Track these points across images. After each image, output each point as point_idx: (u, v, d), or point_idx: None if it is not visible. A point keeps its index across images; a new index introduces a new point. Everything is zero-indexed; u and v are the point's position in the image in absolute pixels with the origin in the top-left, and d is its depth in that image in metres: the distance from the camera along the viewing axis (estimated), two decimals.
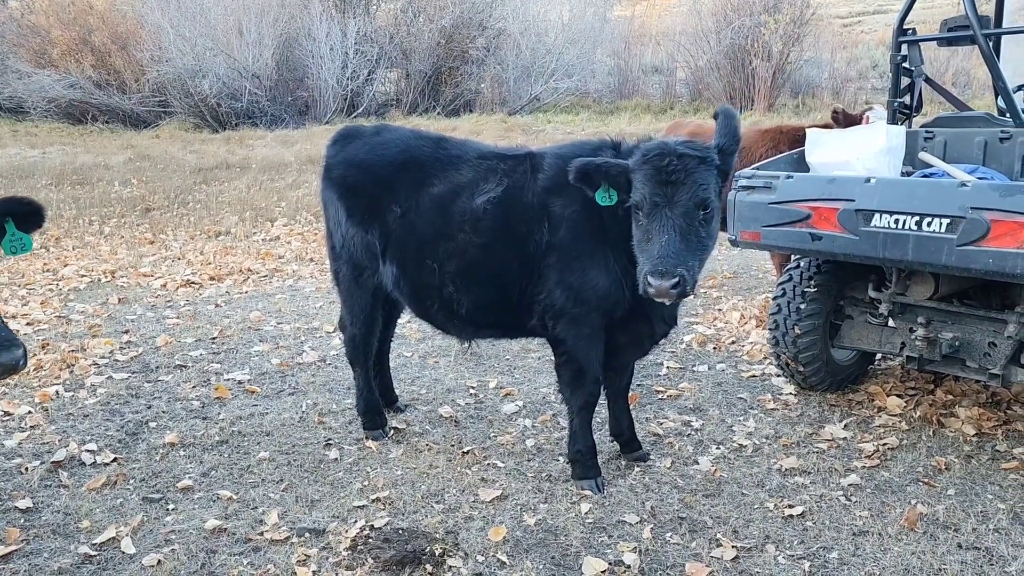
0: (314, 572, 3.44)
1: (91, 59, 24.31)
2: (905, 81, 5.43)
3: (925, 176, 4.76)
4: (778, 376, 5.50)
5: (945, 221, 3.94)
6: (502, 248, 3.93)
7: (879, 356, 5.64)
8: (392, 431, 4.75)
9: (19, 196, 3.11)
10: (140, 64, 23.84)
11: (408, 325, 6.33)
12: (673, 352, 6.07)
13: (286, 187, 13.64)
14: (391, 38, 25.28)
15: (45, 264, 8.72)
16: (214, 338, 6.40)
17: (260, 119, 23.24)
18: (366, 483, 4.17)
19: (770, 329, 5.19)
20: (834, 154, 4.85)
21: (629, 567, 3.45)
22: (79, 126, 23.74)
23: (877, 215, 4.16)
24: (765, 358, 5.84)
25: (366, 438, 4.64)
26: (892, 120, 5.35)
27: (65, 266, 8.64)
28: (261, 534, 3.71)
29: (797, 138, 6.61)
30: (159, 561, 3.51)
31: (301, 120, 23.49)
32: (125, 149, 18.60)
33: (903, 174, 4.98)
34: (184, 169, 15.62)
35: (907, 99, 5.48)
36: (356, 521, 3.79)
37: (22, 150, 18.86)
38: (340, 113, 23.78)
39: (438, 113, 24.61)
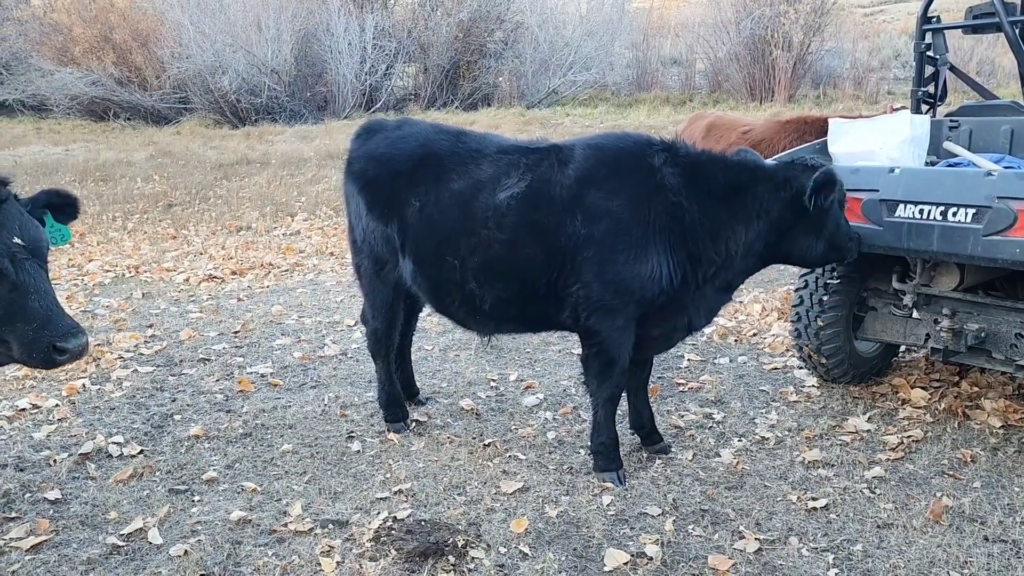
0: (338, 563, 3.47)
1: (112, 56, 24.50)
2: (929, 70, 5.37)
3: (950, 166, 4.71)
4: (800, 368, 5.47)
5: (971, 211, 3.90)
6: (528, 243, 3.92)
7: (903, 348, 5.59)
8: (414, 424, 4.78)
9: (56, 188, 3.19)
10: (160, 61, 24.01)
11: (429, 318, 6.35)
12: (694, 344, 6.05)
13: (306, 182, 13.71)
14: (409, 32, 25.30)
15: (70, 259, 8.82)
16: (236, 332, 6.45)
17: (279, 115, 23.33)
18: (388, 475, 4.20)
19: (792, 321, 5.15)
20: (857, 144, 4.80)
21: (652, 559, 3.44)
22: (101, 123, 23.96)
23: (901, 205, 4.13)
24: (787, 350, 5.81)
25: (388, 431, 4.67)
26: (916, 109, 5.29)
27: (90, 261, 8.73)
28: (285, 525, 3.75)
29: (822, 129, 6.55)
30: (186, 552, 3.56)
31: (320, 115, 23.57)
32: (147, 145, 18.76)
33: (928, 164, 4.92)
34: (205, 165, 15.73)
35: (931, 88, 5.42)
36: (379, 513, 3.82)
37: (46, 147, 19.06)
38: (359, 108, 23.84)
39: (456, 107, 24.60)
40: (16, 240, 2.69)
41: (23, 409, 5.01)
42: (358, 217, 4.38)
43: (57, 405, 5.07)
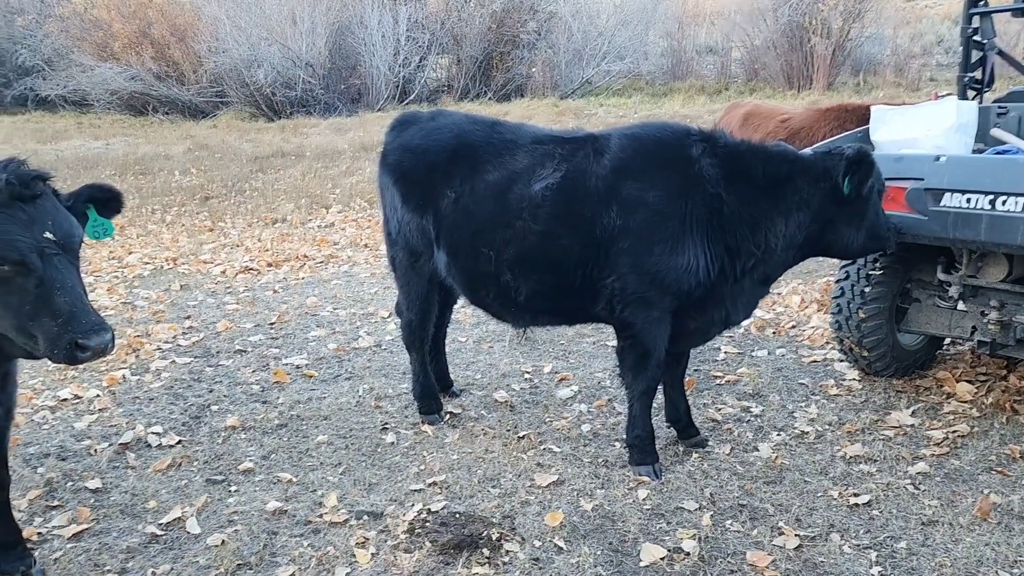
0: (373, 554, 3.47)
1: (151, 51, 24.86)
2: (976, 55, 5.22)
3: (998, 153, 4.56)
4: (841, 361, 5.35)
5: (1020, 200, 3.77)
6: (563, 234, 3.88)
7: (948, 341, 5.45)
8: (448, 416, 4.77)
9: (99, 183, 3.15)
10: (197, 55, 24.31)
11: (463, 310, 6.33)
12: (731, 337, 5.95)
13: (340, 174, 13.78)
14: (442, 24, 25.28)
15: (111, 252, 8.97)
16: (272, 323, 6.50)
17: (314, 107, 23.50)
18: (423, 467, 4.20)
19: (833, 313, 5.05)
20: (901, 131, 4.68)
21: (688, 554, 3.40)
22: (140, 117, 24.36)
23: (948, 194, 4.01)
24: (827, 343, 5.70)
25: (422, 422, 4.67)
26: (963, 95, 5.14)
27: (130, 254, 8.87)
28: (321, 516, 3.76)
29: (863, 117, 6.40)
30: (223, 541, 3.59)
31: (354, 108, 23.67)
32: (184, 139, 19.01)
33: (975, 151, 4.78)
34: (241, 158, 15.89)
35: (978, 73, 5.27)
36: (413, 505, 3.82)
37: (86, 141, 19.41)
38: (392, 100, 23.90)
39: (489, 98, 24.55)
40: (47, 235, 2.66)
41: (65, 399, 5.10)
42: (393, 209, 4.37)
43: (98, 395, 5.15)
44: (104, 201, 3.13)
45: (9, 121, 23.38)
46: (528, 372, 5.43)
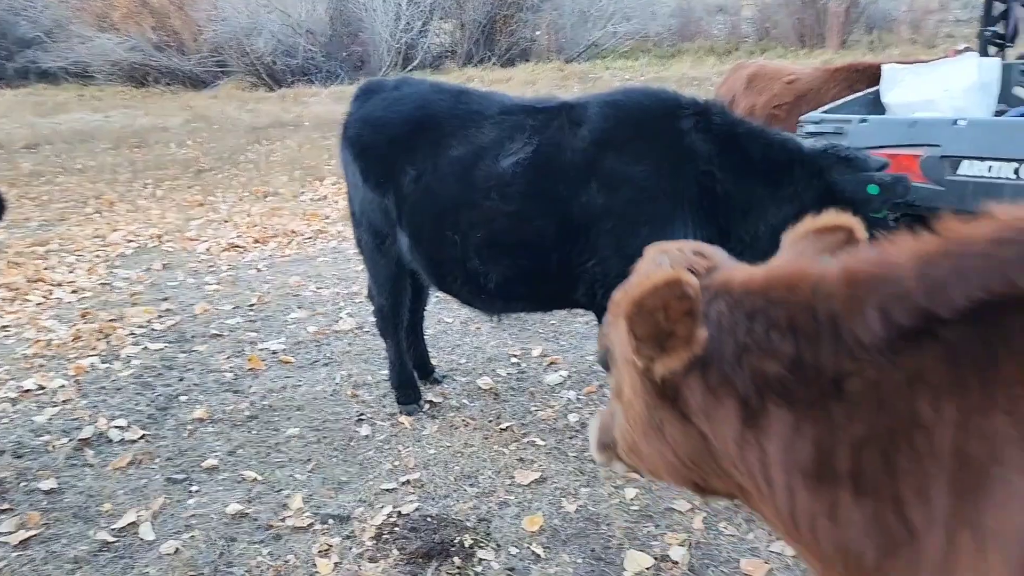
0: (336, 564, 3.22)
1: (151, 21, 24.48)
2: (999, 7, 4.80)
3: (1023, 115, 4.18)
4: None
5: None
6: (536, 215, 3.54)
7: None
8: (427, 405, 4.49)
9: None
10: (197, 24, 23.88)
11: None
12: None
13: (337, 144, 13.43)
14: None
15: (96, 229, 8.69)
16: (252, 305, 6.21)
17: (315, 75, 23.06)
18: (397, 463, 3.93)
19: None
20: (915, 92, 4.30)
21: (676, 563, 3.12)
22: (142, 89, 23.98)
23: (967, 162, 3.65)
24: None
25: (400, 413, 4.40)
26: (984, 51, 4.74)
27: (114, 231, 8.58)
28: (283, 520, 3.51)
29: (875, 77, 5.98)
30: (177, 549, 3.35)
31: (356, 75, 23.17)
32: (184, 110, 18.66)
33: (996, 113, 4.39)
34: (238, 129, 15.56)
35: (1001, 27, 4.85)
36: (383, 507, 3.55)
37: (86, 114, 19.06)
38: (395, 67, 23.39)
39: (493, 63, 24.00)
40: None
41: (28, 390, 4.86)
42: (355, 187, 4.05)
43: (63, 385, 4.90)
44: None
45: (11, 94, 23.03)
46: (516, 356, 5.12)
